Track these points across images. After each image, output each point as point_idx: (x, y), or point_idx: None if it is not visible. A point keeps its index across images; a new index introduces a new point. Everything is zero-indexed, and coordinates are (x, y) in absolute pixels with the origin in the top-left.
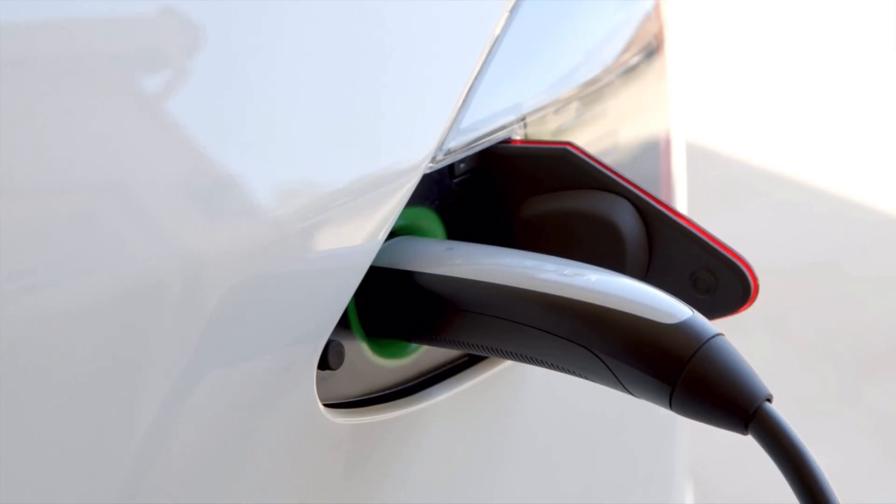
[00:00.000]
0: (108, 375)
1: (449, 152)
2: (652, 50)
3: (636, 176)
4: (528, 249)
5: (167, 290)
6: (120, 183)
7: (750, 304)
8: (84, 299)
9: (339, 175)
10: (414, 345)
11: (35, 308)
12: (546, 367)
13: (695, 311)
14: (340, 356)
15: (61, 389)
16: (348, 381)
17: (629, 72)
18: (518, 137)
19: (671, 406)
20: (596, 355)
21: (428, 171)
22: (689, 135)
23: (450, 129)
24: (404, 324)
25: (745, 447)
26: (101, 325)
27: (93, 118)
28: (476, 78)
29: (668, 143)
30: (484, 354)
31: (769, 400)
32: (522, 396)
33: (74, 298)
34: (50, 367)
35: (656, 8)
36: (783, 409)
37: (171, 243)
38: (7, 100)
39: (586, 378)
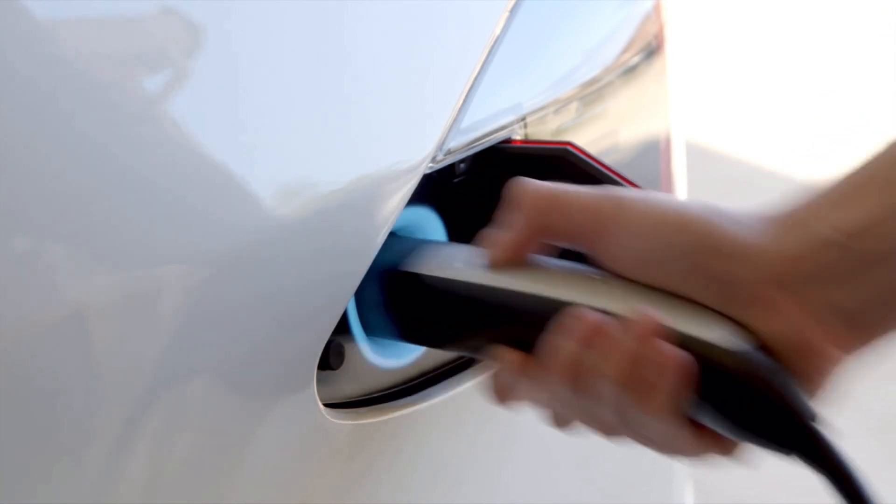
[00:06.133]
0: (107, 375)
1: (449, 152)
2: (652, 50)
3: (636, 176)
4: None
5: (166, 289)
6: (119, 183)
7: None
8: (83, 299)
9: (339, 175)
10: (414, 345)
11: (34, 308)
12: None
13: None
14: (340, 356)
15: (59, 389)
16: (348, 381)
17: (629, 72)
18: (518, 137)
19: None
20: None
21: (428, 171)
22: (689, 135)
23: (450, 129)
24: (412, 327)
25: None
26: (100, 325)
27: (93, 117)
28: (476, 78)
29: (668, 143)
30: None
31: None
32: None
33: (73, 298)
34: (49, 367)
35: (656, 8)
36: None
37: (170, 243)
38: (7, 99)
39: None
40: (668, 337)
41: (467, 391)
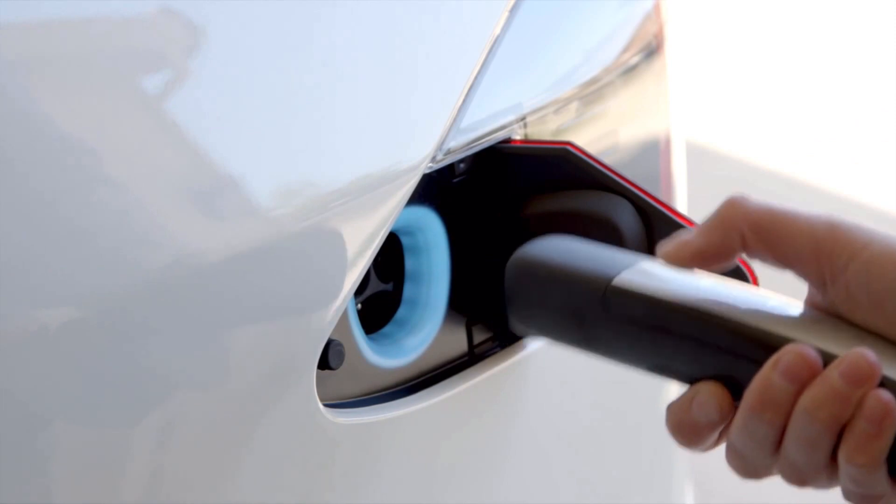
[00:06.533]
0: (107, 376)
1: (449, 152)
2: (652, 50)
3: (636, 176)
4: None
5: (167, 289)
6: (119, 182)
7: None
8: (83, 300)
9: (339, 175)
10: (414, 345)
11: (34, 308)
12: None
13: None
14: (340, 356)
15: (60, 390)
16: (348, 381)
17: (629, 72)
18: (518, 137)
19: None
20: None
21: (428, 171)
22: (689, 135)
23: (450, 128)
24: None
25: None
26: (100, 326)
27: (94, 118)
28: (476, 78)
29: (668, 143)
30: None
31: None
32: (522, 396)
33: (73, 299)
34: (49, 368)
35: (656, 8)
36: None
37: (171, 243)
38: (8, 99)
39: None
40: (886, 385)
41: (467, 391)
